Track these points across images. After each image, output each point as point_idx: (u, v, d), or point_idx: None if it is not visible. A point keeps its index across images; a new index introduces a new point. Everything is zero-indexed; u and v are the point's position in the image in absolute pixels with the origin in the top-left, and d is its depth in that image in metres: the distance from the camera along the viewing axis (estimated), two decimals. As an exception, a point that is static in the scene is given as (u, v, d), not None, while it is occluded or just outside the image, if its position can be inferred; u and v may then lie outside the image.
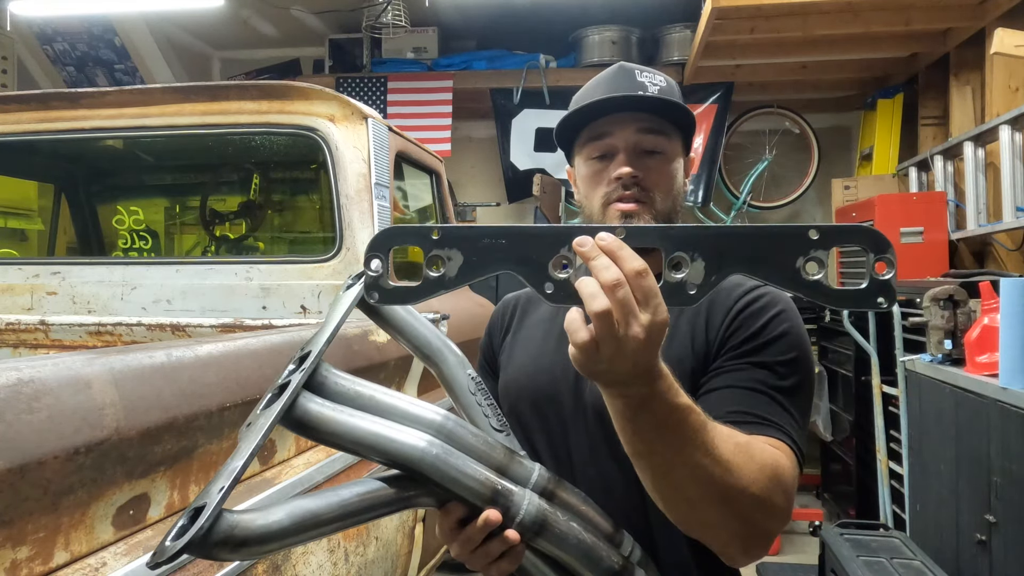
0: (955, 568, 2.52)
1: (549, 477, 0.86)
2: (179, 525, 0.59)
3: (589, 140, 1.07)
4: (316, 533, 0.68)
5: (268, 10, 5.14)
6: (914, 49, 4.36)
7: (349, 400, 0.76)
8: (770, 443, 0.86)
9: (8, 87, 4.79)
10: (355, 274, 0.85)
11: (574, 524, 0.84)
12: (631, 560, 0.90)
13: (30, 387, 0.80)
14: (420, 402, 0.79)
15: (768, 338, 0.95)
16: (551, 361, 1.07)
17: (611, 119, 1.05)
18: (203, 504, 0.60)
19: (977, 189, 3.62)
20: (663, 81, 1.08)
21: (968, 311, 2.74)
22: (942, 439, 2.68)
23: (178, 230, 3.37)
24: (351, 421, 0.73)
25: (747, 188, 5.40)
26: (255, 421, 0.69)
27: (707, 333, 0.99)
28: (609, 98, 1.04)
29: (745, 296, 1.00)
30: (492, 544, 0.79)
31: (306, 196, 3.16)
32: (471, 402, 0.90)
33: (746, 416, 0.89)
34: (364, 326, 1.79)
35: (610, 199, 1.04)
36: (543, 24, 5.22)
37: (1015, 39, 2.92)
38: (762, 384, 0.92)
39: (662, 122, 1.05)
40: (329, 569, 1.43)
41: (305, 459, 1.43)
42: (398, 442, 0.74)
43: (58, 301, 2.33)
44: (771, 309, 0.97)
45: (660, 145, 1.05)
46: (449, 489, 0.76)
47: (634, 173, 1.02)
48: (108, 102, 2.28)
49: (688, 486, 0.77)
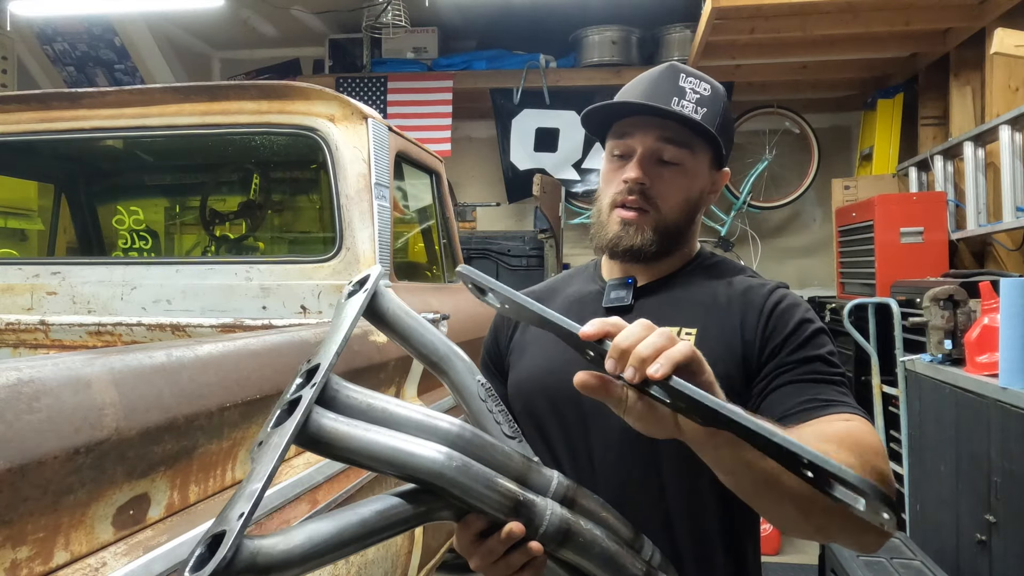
0: (955, 568, 2.52)
1: (568, 484, 0.85)
2: (197, 555, 0.58)
3: (614, 136, 1.07)
4: (338, 555, 0.67)
5: (268, 10, 5.14)
6: (914, 49, 4.36)
7: (361, 413, 0.74)
8: (843, 417, 0.88)
9: (8, 87, 4.79)
10: (357, 280, 0.84)
11: (597, 532, 0.83)
12: (652, 564, 0.89)
13: (30, 387, 0.80)
14: (434, 412, 0.78)
15: (807, 334, 0.98)
16: (568, 358, 1.05)
17: (637, 120, 1.04)
18: (221, 531, 0.58)
19: (977, 189, 3.62)
20: (707, 90, 1.04)
21: (968, 311, 2.74)
22: (942, 439, 2.68)
23: (178, 230, 3.37)
24: (367, 436, 0.71)
25: (747, 188, 5.40)
26: (267, 440, 0.67)
27: (743, 333, 0.99)
28: (626, 103, 1.03)
29: (770, 296, 1.02)
30: (514, 556, 0.78)
31: (306, 196, 3.16)
32: (481, 408, 0.89)
33: (813, 402, 0.90)
34: (364, 326, 1.79)
35: (616, 202, 1.05)
36: (543, 24, 5.22)
37: (1015, 39, 2.92)
38: (817, 374, 0.94)
39: (688, 134, 1.03)
40: (329, 569, 1.43)
41: (305, 459, 1.43)
42: (417, 456, 0.72)
43: (58, 301, 2.33)
44: (799, 310, 1.01)
45: (679, 157, 1.03)
46: (470, 502, 0.74)
47: (641, 180, 1.02)
48: (108, 102, 2.28)
49: (789, 496, 0.75)
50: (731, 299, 1.04)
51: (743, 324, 1.00)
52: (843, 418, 0.88)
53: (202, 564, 0.57)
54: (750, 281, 1.07)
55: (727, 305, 1.03)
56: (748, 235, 5.59)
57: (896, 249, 3.77)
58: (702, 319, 1.02)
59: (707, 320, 1.02)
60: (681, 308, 1.04)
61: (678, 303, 1.05)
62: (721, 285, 1.07)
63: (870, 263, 3.89)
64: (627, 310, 1.06)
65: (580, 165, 5.48)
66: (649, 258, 1.05)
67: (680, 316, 1.03)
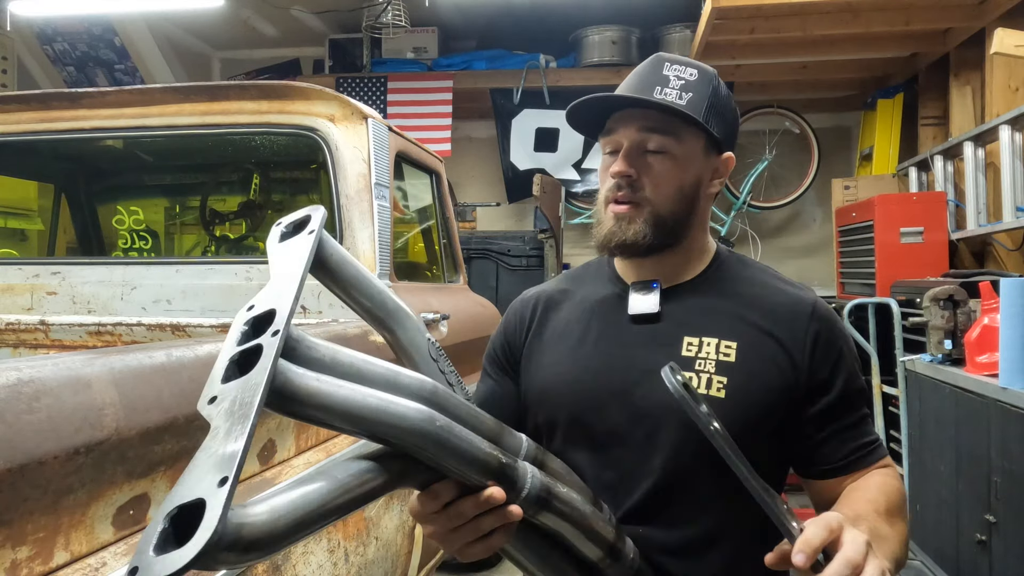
0: (955, 568, 2.52)
1: (536, 447, 0.82)
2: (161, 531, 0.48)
3: (603, 134, 1.06)
4: (321, 524, 0.59)
5: (268, 10, 5.14)
6: (914, 49, 4.36)
7: (327, 368, 0.66)
8: (881, 470, 1.00)
9: (8, 87, 4.79)
10: (290, 221, 0.76)
11: (573, 495, 0.80)
12: (615, 527, 0.88)
13: (30, 387, 0.80)
14: (404, 370, 0.72)
15: (849, 366, 1.02)
16: (591, 367, 1.03)
17: (620, 115, 1.03)
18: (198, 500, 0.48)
19: (977, 189, 3.62)
20: (692, 75, 1.02)
21: (968, 311, 2.74)
22: (942, 439, 2.68)
23: (178, 230, 3.38)
24: (341, 392, 0.62)
25: (747, 188, 5.40)
26: (225, 396, 0.57)
27: (790, 354, 1.00)
28: (601, 96, 1.02)
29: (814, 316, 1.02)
30: (486, 519, 0.73)
31: (306, 196, 3.16)
32: (433, 369, 0.83)
33: (862, 450, 1.00)
34: (364, 326, 1.79)
35: (608, 198, 1.03)
36: (543, 24, 5.22)
37: (1015, 39, 2.92)
38: (856, 412, 1.02)
39: (671, 121, 1.00)
40: (329, 569, 1.43)
41: (305, 459, 1.43)
42: (401, 416, 0.64)
43: (58, 301, 2.33)
44: (841, 334, 1.04)
45: (665, 145, 1.01)
46: (448, 465, 0.68)
47: (626, 172, 1.00)
48: (108, 102, 2.28)
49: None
50: (767, 310, 1.02)
51: (787, 344, 1.00)
52: (882, 472, 1.00)
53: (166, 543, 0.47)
54: (784, 289, 1.06)
55: (764, 316, 1.01)
56: (748, 235, 5.59)
57: (896, 249, 3.77)
58: (740, 331, 1.00)
59: (746, 333, 1.00)
60: (715, 318, 1.02)
61: (710, 312, 1.03)
62: (752, 290, 1.05)
63: (870, 263, 3.89)
64: (654, 318, 1.03)
65: (580, 165, 5.48)
66: (645, 251, 1.02)
67: (715, 327, 1.01)
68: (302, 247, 0.71)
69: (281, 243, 0.74)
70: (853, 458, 1.00)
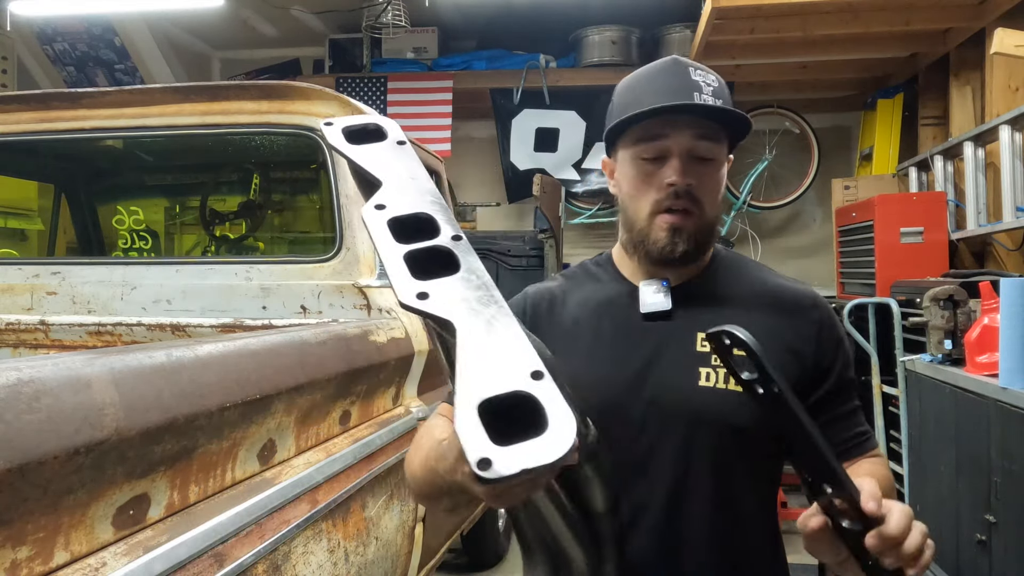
0: (955, 568, 2.52)
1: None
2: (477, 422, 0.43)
3: (641, 139, 1.02)
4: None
5: (268, 10, 5.14)
6: (914, 49, 4.36)
7: None
8: (873, 459, 1.05)
9: (8, 87, 4.79)
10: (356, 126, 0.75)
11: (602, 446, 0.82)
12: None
13: (30, 387, 0.80)
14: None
15: (845, 356, 1.07)
16: (608, 365, 1.04)
17: (668, 121, 0.99)
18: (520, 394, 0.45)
19: (977, 189, 3.62)
20: (715, 81, 1.02)
21: (968, 311, 2.74)
22: (942, 439, 2.68)
23: (178, 230, 3.38)
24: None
25: (747, 188, 5.41)
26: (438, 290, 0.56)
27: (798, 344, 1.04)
28: (688, 105, 0.98)
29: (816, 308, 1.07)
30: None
31: (306, 196, 3.16)
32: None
33: (856, 439, 1.05)
34: (364, 326, 1.79)
35: (660, 207, 1.01)
36: (543, 24, 5.22)
37: (1015, 39, 2.92)
38: (850, 400, 1.07)
39: (717, 128, 1.01)
40: (329, 569, 1.43)
41: (305, 459, 1.43)
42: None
43: (58, 301, 2.33)
44: (838, 326, 1.09)
45: (713, 152, 1.01)
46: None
47: (689, 181, 0.99)
48: (108, 102, 2.28)
49: None
50: (772, 304, 1.05)
51: (795, 335, 1.03)
52: (873, 461, 1.05)
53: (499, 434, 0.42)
54: (784, 284, 1.10)
55: (770, 310, 1.04)
56: (748, 235, 5.59)
57: (896, 249, 3.77)
58: (749, 325, 1.00)
59: (753, 326, 1.00)
60: (724, 313, 1.01)
61: (719, 308, 1.04)
62: (755, 287, 1.08)
63: (870, 263, 3.89)
64: (665, 316, 1.04)
65: (580, 165, 5.48)
66: (693, 260, 1.04)
67: (725, 322, 1.00)
68: (404, 154, 0.71)
69: (359, 145, 0.72)
70: (847, 446, 1.03)
